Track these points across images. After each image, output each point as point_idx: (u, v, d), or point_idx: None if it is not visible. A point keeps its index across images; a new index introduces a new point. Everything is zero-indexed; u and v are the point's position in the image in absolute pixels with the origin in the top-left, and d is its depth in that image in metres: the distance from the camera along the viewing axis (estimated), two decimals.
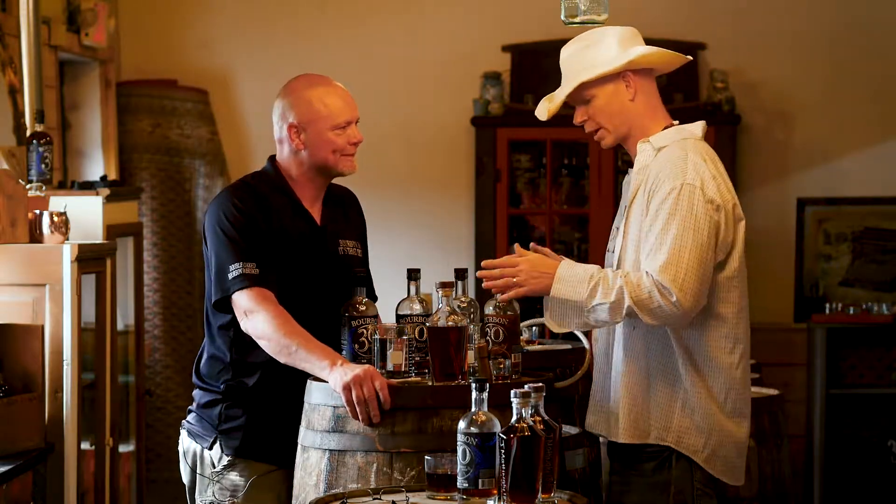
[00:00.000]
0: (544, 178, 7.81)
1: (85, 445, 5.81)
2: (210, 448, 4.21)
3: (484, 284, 3.88)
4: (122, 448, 6.48)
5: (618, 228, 3.98)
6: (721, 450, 3.88)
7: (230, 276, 4.08)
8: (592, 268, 3.81)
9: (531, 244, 3.93)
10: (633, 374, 3.86)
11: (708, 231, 3.77)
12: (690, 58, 4.01)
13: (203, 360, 4.28)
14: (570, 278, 3.79)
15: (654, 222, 3.77)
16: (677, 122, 4.00)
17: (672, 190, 3.78)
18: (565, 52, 3.95)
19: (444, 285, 3.90)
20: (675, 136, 3.91)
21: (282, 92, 4.26)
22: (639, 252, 3.83)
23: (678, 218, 3.75)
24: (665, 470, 3.85)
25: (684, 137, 3.91)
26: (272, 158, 4.30)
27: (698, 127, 3.97)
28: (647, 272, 3.75)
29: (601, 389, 3.98)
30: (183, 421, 4.33)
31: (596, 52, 3.90)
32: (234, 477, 4.18)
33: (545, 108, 3.97)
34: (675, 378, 3.84)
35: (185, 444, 4.29)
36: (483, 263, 3.90)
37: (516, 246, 3.91)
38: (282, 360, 4.02)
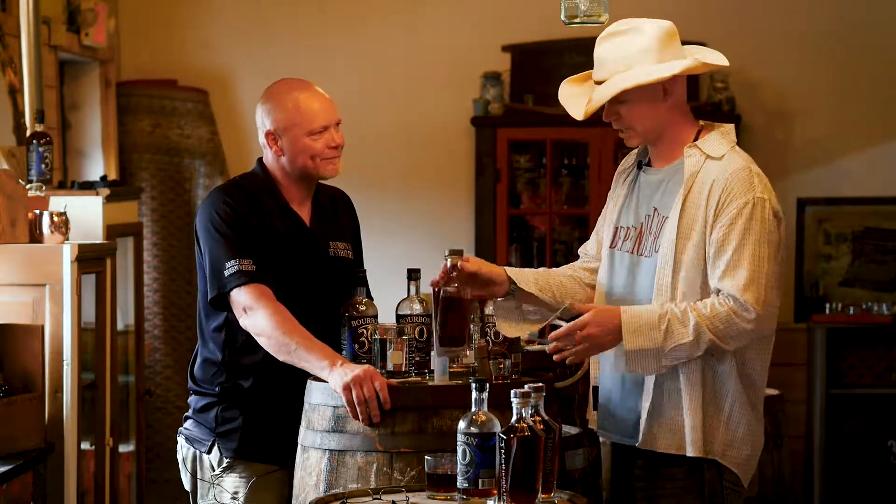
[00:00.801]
0: (544, 178, 7.81)
1: (85, 445, 5.81)
2: (209, 452, 4.20)
3: (556, 358, 3.81)
4: (122, 448, 6.48)
5: (633, 227, 3.93)
6: (754, 458, 3.89)
7: (227, 272, 4.07)
8: (655, 309, 3.74)
9: (464, 255, 3.89)
10: (691, 386, 3.79)
11: (777, 245, 3.79)
12: (727, 62, 3.92)
13: (197, 364, 4.27)
14: (639, 327, 3.72)
15: (728, 239, 3.72)
16: (702, 121, 3.94)
17: (745, 204, 3.74)
18: (602, 47, 3.86)
19: (453, 252, 3.88)
20: (726, 144, 3.86)
21: (262, 97, 4.25)
22: (694, 256, 3.77)
23: (753, 234, 3.73)
24: (697, 474, 3.83)
25: (732, 146, 3.87)
26: (260, 160, 4.29)
27: (733, 131, 3.92)
28: (719, 294, 3.71)
29: (633, 398, 3.88)
30: (180, 428, 4.32)
31: (635, 52, 3.81)
32: (234, 478, 4.17)
33: (581, 109, 3.88)
34: (725, 391, 3.81)
35: (184, 450, 4.28)
36: (550, 338, 3.80)
37: (570, 304, 3.88)
38: (280, 358, 4.01)
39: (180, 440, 4.29)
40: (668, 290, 3.78)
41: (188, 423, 4.28)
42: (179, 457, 4.29)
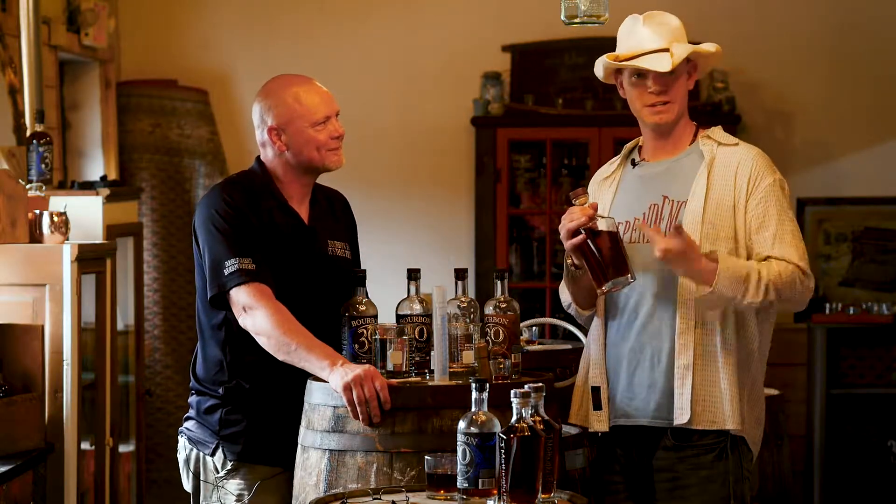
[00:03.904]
0: (544, 178, 7.81)
1: (85, 445, 5.81)
2: (212, 454, 4.19)
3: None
4: (122, 448, 6.48)
5: (637, 219, 4.03)
6: (761, 442, 4.07)
7: (226, 271, 4.06)
8: (743, 265, 3.91)
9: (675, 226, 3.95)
10: (727, 363, 3.94)
11: None
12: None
13: (198, 364, 4.26)
14: (730, 276, 3.88)
15: (767, 213, 3.97)
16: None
17: (773, 182, 4.01)
18: (650, 24, 4.04)
19: (581, 193, 4.02)
20: (730, 136, 4.13)
21: (258, 95, 4.24)
22: (725, 232, 3.95)
23: (786, 209, 4.01)
24: (723, 460, 3.95)
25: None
26: (258, 159, 4.29)
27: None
28: (784, 260, 3.94)
29: (664, 380, 3.98)
30: (181, 428, 4.30)
31: (677, 31, 4.07)
32: (238, 481, 4.16)
33: (668, 61, 4.00)
34: (750, 370, 4.00)
35: (186, 451, 4.26)
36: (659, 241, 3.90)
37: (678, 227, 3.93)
38: (280, 358, 4.00)
39: (182, 440, 4.28)
40: None
41: (190, 424, 4.26)
42: (181, 457, 4.28)
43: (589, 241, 3.91)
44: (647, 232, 3.89)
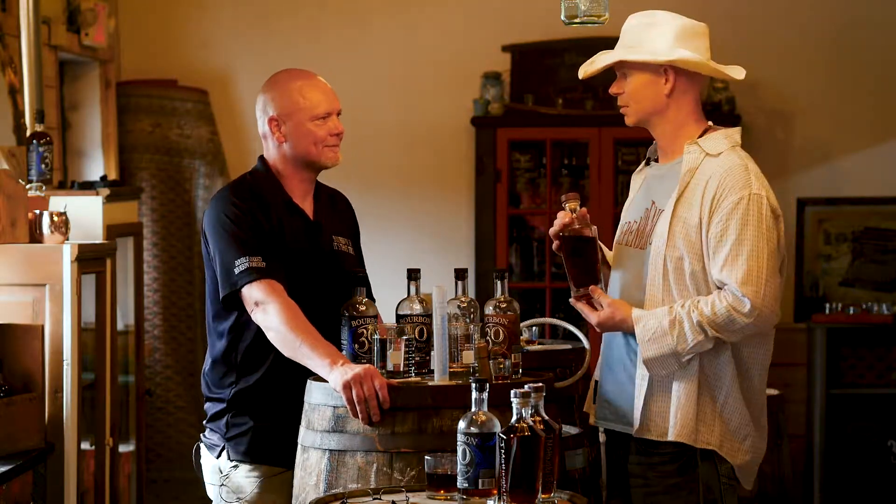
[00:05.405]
0: (544, 178, 7.81)
1: (85, 445, 5.81)
2: (218, 457, 4.23)
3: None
4: (122, 448, 6.48)
5: (636, 221, 4.00)
6: (752, 454, 3.93)
7: (237, 270, 4.09)
8: (664, 314, 3.82)
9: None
10: (684, 375, 3.85)
11: (776, 240, 3.84)
12: (741, 75, 4.09)
13: (208, 367, 4.30)
14: (652, 336, 3.82)
15: (726, 233, 3.80)
16: (711, 122, 4.05)
17: (741, 199, 3.81)
18: (630, 22, 4.00)
19: (571, 198, 4.00)
20: (726, 143, 3.96)
21: (263, 87, 4.31)
22: (686, 250, 3.84)
23: (751, 228, 3.79)
24: (690, 470, 3.88)
25: (733, 145, 3.96)
26: (262, 158, 4.32)
27: (738, 133, 4.02)
28: (718, 291, 3.80)
29: (630, 386, 3.94)
30: (201, 435, 4.35)
31: (652, 35, 3.95)
32: (242, 480, 4.18)
33: (584, 70, 4.01)
34: (721, 383, 3.88)
35: (204, 457, 4.32)
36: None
37: (591, 290, 3.93)
38: (286, 354, 4.03)
39: (201, 448, 4.33)
40: (660, 280, 3.87)
41: (206, 432, 4.33)
42: (203, 464, 4.32)
43: (564, 247, 3.94)
44: (582, 308, 3.94)
